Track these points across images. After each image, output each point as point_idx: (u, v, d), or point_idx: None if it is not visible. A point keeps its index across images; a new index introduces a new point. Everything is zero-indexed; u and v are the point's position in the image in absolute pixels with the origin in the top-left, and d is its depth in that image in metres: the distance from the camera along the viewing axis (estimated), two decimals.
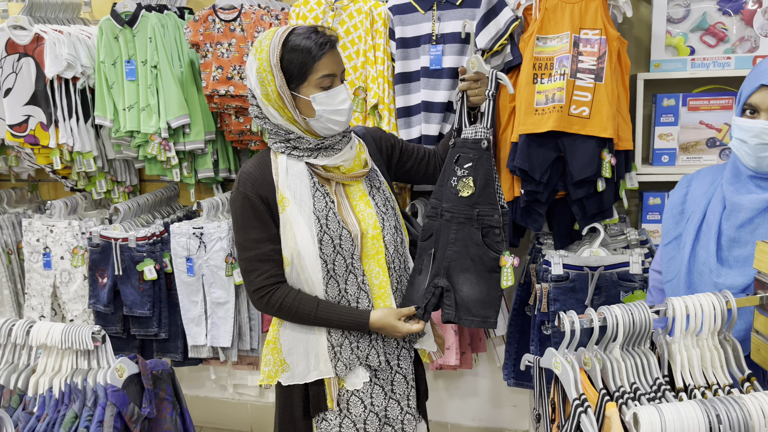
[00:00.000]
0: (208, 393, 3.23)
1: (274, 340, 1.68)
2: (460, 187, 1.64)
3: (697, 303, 1.26)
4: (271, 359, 1.68)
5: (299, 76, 1.54)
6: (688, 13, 2.29)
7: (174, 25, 2.60)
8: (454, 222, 1.65)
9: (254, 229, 1.59)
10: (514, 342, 2.45)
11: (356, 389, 1.66)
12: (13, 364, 1.46)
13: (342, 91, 1.58)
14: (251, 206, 1.59)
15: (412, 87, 2.31)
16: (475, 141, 1.67)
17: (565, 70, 2.07)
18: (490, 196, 1.63)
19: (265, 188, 1.60)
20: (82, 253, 2.74)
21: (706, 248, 1.52)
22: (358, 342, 1.65)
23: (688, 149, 2.34)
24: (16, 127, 2.66)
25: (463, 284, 1.64)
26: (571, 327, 1.27)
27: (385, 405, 1.70)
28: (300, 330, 1.64)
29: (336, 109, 1.57)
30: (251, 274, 1.61)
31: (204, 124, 2.62)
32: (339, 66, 1.60)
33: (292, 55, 1.53)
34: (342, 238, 1.60)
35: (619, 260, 2.17)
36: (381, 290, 1.67)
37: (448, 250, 1.65)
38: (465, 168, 1.65)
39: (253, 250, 1.60)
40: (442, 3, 2.23)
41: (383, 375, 1.70)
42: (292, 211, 1.58)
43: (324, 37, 1.55)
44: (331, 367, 1.63)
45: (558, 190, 2.20)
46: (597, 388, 1.25)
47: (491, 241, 1.62)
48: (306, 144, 1.60)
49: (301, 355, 1.65)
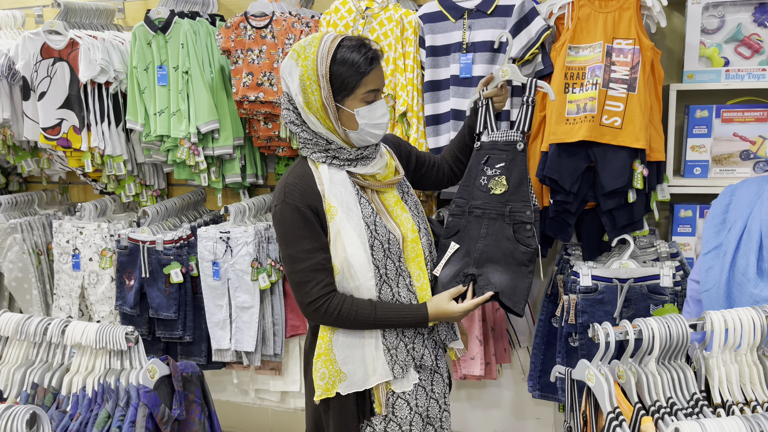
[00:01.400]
0: (230, 397, 3.24)
1: (326, 351, 1.64)
2: (492, 185, 1.71)
3: (736, 317, 1.24)
4: (326, 372, 1.64)
5: (346, 89, 1.55)
6: (722, 23, 2.26)
7: (206, 31, 2.63)
8: (485, 218, 1.72)
9: (306, 240, 1.58)
10: (539, 353, 2.42)
11: (403, 392, 1.67)
12: (47, 362, 1.48)
13: (382, 105, 1.60)
14: (302, 217, 1.58)
15: (441, 95, 2.31)
16: (507, 143, 1.75)
17: (598, 79, 2.05)
18: (523, 194, 1.70)
19: (313, 198, 1.60)
20: (110, 255, 2.77)
21: (747, 259, 1.49)
22: (413, 343, 1.67)
23: (721, 161, 2.31)
24: (50, 130, 2.71)
25: (493, 273, 1.70)
26: (606, 339, 1.25)
27: (427, 405, 1.72)
28: (353, 337, 1.64)
29: (377, 122, 1.59)
30: (306, 285, 1.59)
31: (233, 129, 2.65)
32: (382, 81, 1.62)
33: (341, 68, 1.53)
34: (390, 242, 1.63)
35: (649, 273, 2.14)
36: (423, 292, 1.70)
37: (479, 244, 1.71)
38: (497, 168, 1.73)
39: (306, 261, 1.58)
40: (473, 12, 2.23)
41: (424, 376, 1.72)
42: (340, 220, 1.59)
43: (372, 51, 1.57)
44: (389, 369, 1.63)
45: (588, 201, 2.18)
46: (632, 402, 1.23)
47: (522, 236, 1.69)
48: (346, 154, 1.62)
49: (358, 362, 1.63)
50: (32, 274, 2.98)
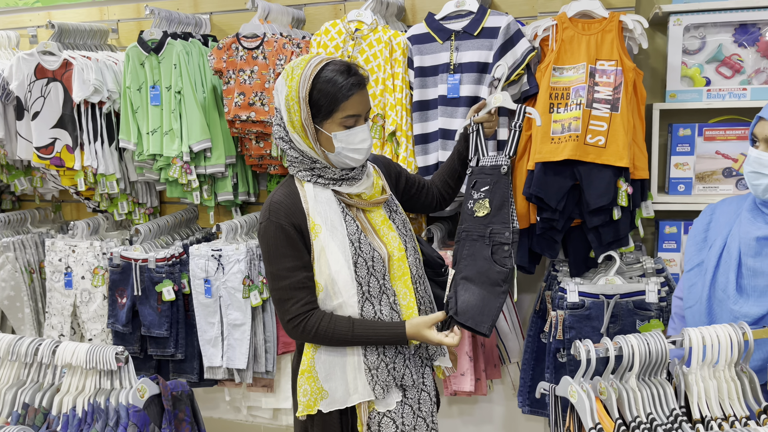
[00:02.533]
0: (222, 414, 3.24)
1: (309, 368, 1.66)
2: (476, 207, 1.76)
3: (714, 334, 1.27)
4: (308, 388, 1.66)
5: (325, 113, 1.58)
6: (703, 44, 2.31)
7: (198, 52, 2.67)
8: (468, 240, 1.77)
9: (288, 258, 1.61)
10: (529, 369, 2.45)
11: (388, 410, 1.68)
12: (38, 383, 1.49)
13: (363, 131, 1.62)
14: (285, 235, 1.61)
15: (430, 115, 2.35)
16: (493, 167, 1.80)
17: (582, 100, 2.09)
18: (504, 216, 1.74)
19: (297, 216, 1.63)
20: (102, 273, 2.79)
21: (726, 276, 1.53)
22: (394, 363, 1.67)
23: (704, 179, 2.35)
24: (43, 150, 2.73)
25: (465, 291, 1.72)
26: (587, 356, 1.28)
27: (414, 424, 1.72)
28: (336, 355, 1.65)
29: (355, 147, 1.61)
30: (286, 303, 1.62)
31: (225, 148, 2.68)
32: (365, 106, 1.63)
33: (321, 92, 1.57)
34: (374, 260, 1.64)
35: (635, 288, 2.17)
36: (409, 310, 1.71)
37: (459, 265, 1.76)
38: (482, 191, 1.78)
39: (287, 279, 1.61)
40: (460, 33, 2.28)
41: (411, 394, 1.73)
42: (324, 237, 1.61)
43: (356, 77, 1.59)
44: (370, 389, 1.64)
45: (574, 218, 2.22)
46: (613, 418, 1.25)
47: (499, 256, 1.73)
48: (331, 174, 1.65)
49: (339, 380, 1.65)
50: (24, 292, 2.99)
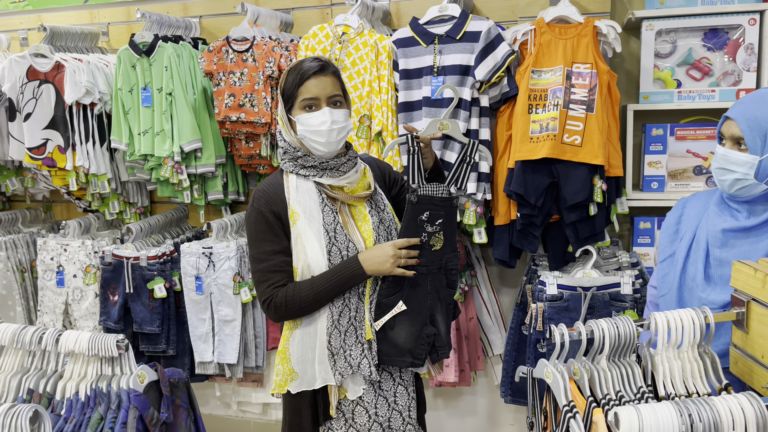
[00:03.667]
0: (212, 410, 3.30)
1: (284, 350, 1.77)
2: (433, 242, 1.76)
3: (678, 318, 1.37)
4: (281, 369, 1.76)
5: (291, 99, 1.72)
6: (674, 48, 2.43)
7: (188, 54, 2.74)
8: (429, 275, 1.77)
9: (267, 242, 1.71)
10: (511, 360, 2.54)
11: (362, 399, 1.75)
12: (42, 370, 1.56)
13: (322, 114, 1.69)
14: (265, 221, 1.71)
15: (415, 115, 2.44)
16: (443, 200, 1.74)
17: (559, 101, 2.20)
18: (453, 244, 1.80)
19: (278, 204, 1.73)
20: (94, 272, 2.84)
21: (695, 266, 1.64)
22: (351, 350, 1.74)
23: (676, 176, 2.47)
24: (35, 150, 2.78)
25: (441, 324, 1.80)
26: (561, 339, 1.37)
27: (389, 416, 1.79)
28: (308, 338, 1.74)
29: (315, 130, 1.69)
30: (263, 285, 1.72)
31: (215, 148, 2.75)
32: (324, 91, 1.70)
33: (287, 81, 1.72)
34: (349, 250, 1.73)
35: (611, 281, 2.28)
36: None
37: (428, 301, 1.78)
38: (436, 224, 1.74)
39: (265, 262, 1.71)
40: (443, 37, 2.37)
41: (386, 386, 1.80)
42: (302, 225, 1.71)
43: (318, 63, 1.70)
44: (332, 374, 1.72)
45: (552, 214, 2.32)
46: (585, 396, 1.34)
47: (451, 280, 1.82)
48: (311, 162, 1.74)
49: (309, 363, 1.74)
50: (16, 291, 3.03)
